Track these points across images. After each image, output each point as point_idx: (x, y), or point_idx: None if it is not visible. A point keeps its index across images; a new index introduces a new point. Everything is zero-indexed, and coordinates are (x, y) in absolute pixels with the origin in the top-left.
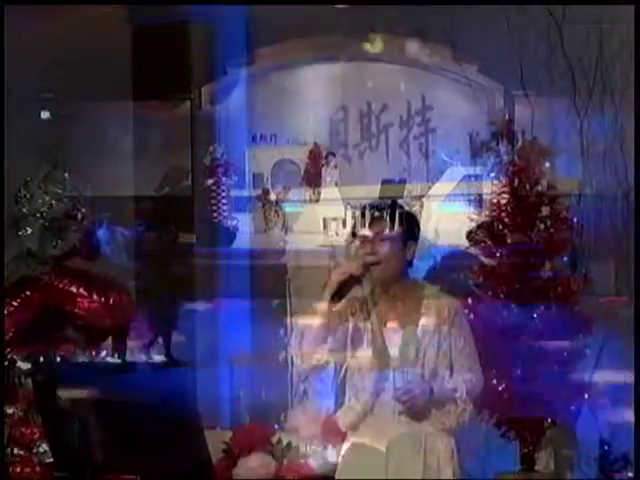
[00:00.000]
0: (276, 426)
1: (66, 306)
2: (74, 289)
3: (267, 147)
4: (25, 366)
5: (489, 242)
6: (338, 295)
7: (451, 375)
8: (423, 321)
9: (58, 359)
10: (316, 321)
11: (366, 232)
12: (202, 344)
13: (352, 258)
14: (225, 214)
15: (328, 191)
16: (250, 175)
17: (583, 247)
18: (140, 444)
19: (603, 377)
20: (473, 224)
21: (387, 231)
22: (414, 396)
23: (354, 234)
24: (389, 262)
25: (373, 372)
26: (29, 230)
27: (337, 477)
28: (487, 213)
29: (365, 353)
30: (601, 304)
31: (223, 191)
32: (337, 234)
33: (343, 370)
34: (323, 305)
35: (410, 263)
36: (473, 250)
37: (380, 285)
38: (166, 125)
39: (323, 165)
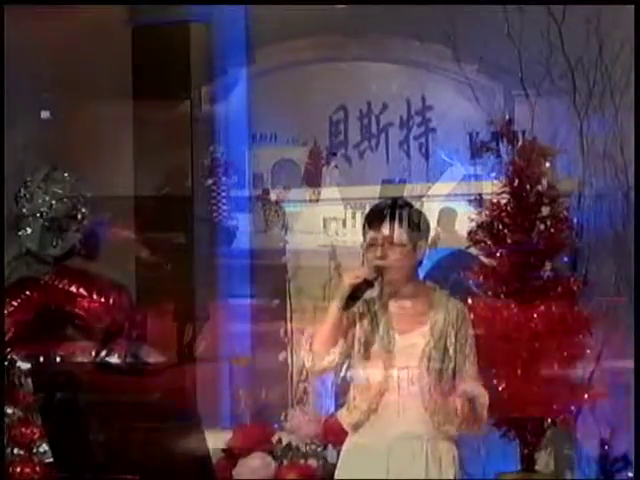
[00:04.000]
0: (276, 426)
1: (66, 306)
2: (74, 289)
3: (267, 147)
4: (25, 366)
5: (489, 242)
6: (352, 298)
7: (454, 379)
8: (430, 324)
9: (58, 359)
10: (328, 324)
11: (376, 236)
12: (202, 344)
13: (364, 261)
14: (225, 214)
15: (328, 191)
16: (250, 175)
17: (583, 247)
18: (140, 444)
19: (603, 377)
20: (473, 224)
21: (397, 233)
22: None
23: (364, 236)
24: (399, 266)
25: (378, 372)
26: (29, 230)
27: (337, 476)
28: (487, 213)
29: (371, 353)
30: (601, 304)
31: (223, 191)
32: (337, 234)
33: (344, 370)
34: (335, 308)
35: (420, 263)
36: (473, 250)
37: (390, 286)
38: (166, 125)
39: (323, 165)
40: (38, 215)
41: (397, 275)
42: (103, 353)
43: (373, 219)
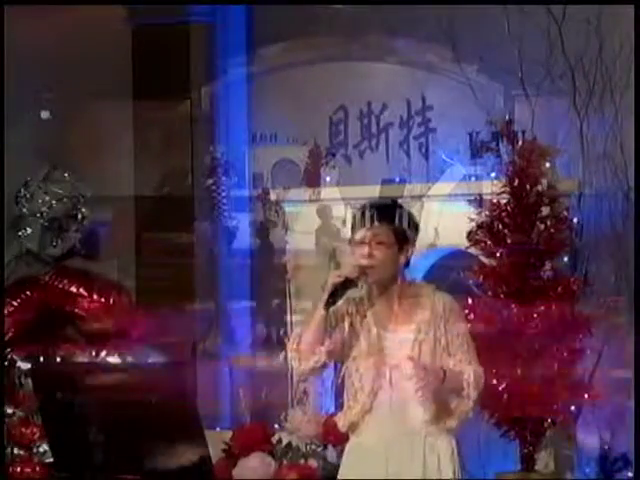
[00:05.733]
0: (276, 426)
1: (66, 306)
2: (74, 289)
3: (267, 147)
4: (25, 366)
5: (489, 242)
6: (332, 297)
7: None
8: (418, 319)
9: (58, 359)
10: (313, 323)
11: (363, 235)
12: (202, 344)
13: (349, 260)
14: (225, 214)
15: (328, 191)
16: (250, 175)
17: (583, 247)
18: (140, 444)
19: (603, 377)
20: (473, 224)
21: (384, 234)
22: (428, 381)
23: (352, 234)
24: (385, 265)
25: (370, 372)
26: (29, 230)
27: (339, 477)
28: (487, 213)
29: (362, 353)
30: (601, 304)
31: (223, 191)
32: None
33: (344, 370)
34: (319, 307)
35: (407, 264)
36: (473, 250)
37: (376, 286)
38: (166, 125)
39: (323, 165)
40: (38, 215)
41: (383, 275)
42: (103, 353)
43: (361, 218)
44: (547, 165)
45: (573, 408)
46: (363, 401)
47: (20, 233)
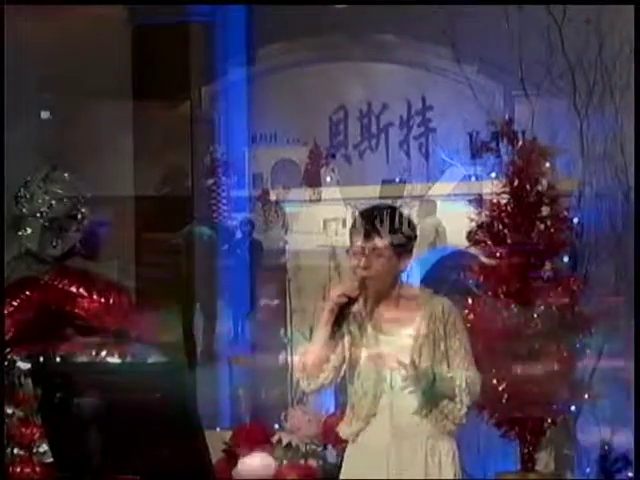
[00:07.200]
0: (276, 426)
1: (66, 306)
2: (74, 289)
3: (267, 147)
4: (25, 366)
5: (489, 242)
6: (339, 318)
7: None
8: (417, 324)
9: (58, 359)
10: (318, 343)
11: (360, 245)
12: (202, 344)
13: (349, 274)
14: (225, 214)
15: (328, 191)
16: (250, 175)
17: (583, 247)
18: (140, 444)
19: (603, 377)
20: (473, 224)
21: (381, 244)
22: (416, 376)
23: (350, 243)
24: (384, 276)
25: (372, 377)
26: (29, 230)
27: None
28: (487, 213)
29: (362, 360)
30: (601, 304)
31: (223, 191)
32: (337, 234)
33: (343, 370)
34: (323, 328)
35: (404, 270)
36: (473, 250)
37: (374, 294)
38: (166, 125)
39: (323, 165)
40: (38, 215)
41: (382, 285)
42: (103, 353)
43: (358, 228)
44: (547, 165)
45: (573, 408)
46: (368, 407)
47: (20, 233)
